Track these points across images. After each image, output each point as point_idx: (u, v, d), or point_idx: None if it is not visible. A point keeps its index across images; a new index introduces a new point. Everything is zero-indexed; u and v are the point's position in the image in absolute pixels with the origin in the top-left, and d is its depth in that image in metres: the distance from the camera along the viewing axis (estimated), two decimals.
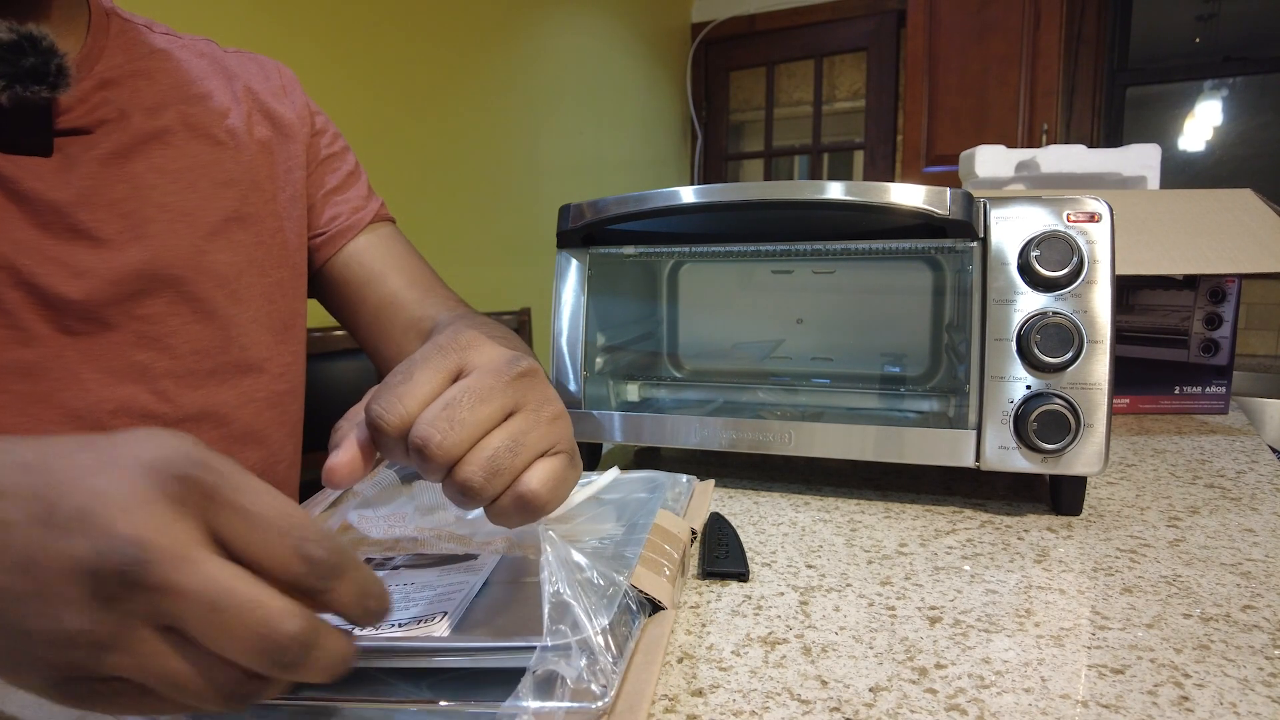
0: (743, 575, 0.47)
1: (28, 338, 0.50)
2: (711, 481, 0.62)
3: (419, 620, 0.33)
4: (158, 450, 0.25)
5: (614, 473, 0.54)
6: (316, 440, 0.71)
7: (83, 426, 0.52)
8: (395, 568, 0.39)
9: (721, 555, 0.49)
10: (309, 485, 0.47)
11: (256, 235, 0.62)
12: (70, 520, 0.23)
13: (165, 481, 0.24)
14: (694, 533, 0.50)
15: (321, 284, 0.71)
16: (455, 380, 0.33)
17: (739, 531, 0.55)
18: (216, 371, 0.59)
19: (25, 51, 0.46)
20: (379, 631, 0.31)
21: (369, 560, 0.40)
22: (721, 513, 0.60)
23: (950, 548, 0.53)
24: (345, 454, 0.32)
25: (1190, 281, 0.99)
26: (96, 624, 0.23)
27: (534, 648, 0.30)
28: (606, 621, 0.32)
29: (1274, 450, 0.81)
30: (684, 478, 0.56)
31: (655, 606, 0.39)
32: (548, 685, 0.29)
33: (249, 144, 0.62)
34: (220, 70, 0.63)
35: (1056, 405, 0.55)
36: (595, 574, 0.35)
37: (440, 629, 0.32)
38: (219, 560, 0.24)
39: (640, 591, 0.38)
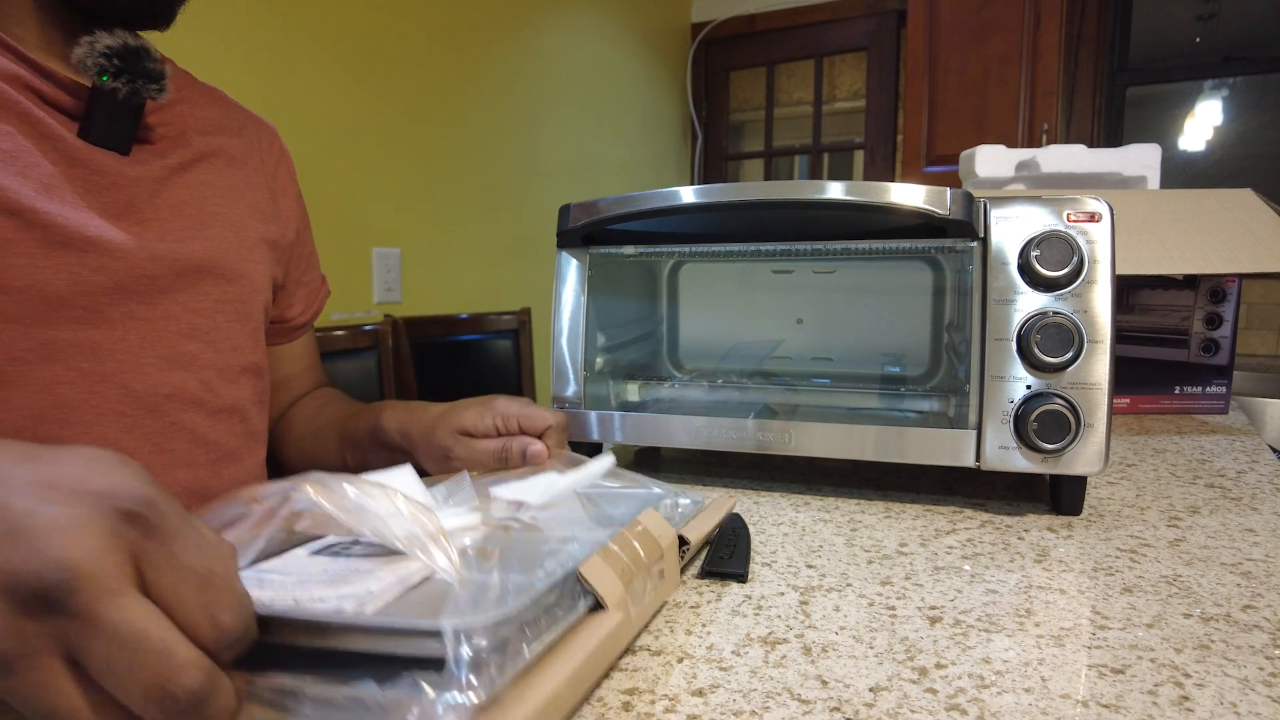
0: (741, 577, 0.47)
1: (99, 319, 0.54)
2: (733, 500, 0.60)
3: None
4: (107, 479, 0.25)
5: (609, 459, 0.54)
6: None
7: (140, 407, 0.56)
8: (351, 555, 0.37)
9: (726, 556, 0.49)
10: None
11: (276, 258, 0.70)
12: (4, 531, 0.23)
13: (107, 512, 0.24)
14: (683, 542, 0.46)
15: None
16: None
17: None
18: (244, 369, 0.65)
19: (144, 57, 0.55)
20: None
21: (331, 546, 0.38)
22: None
23: (950, 547, 0.53)
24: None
25: (1190, 281, 0.99)
26: (4, 638, 0.22)
27: (422, 631, 0.27)
28: (502, 613, 0.28)
29: (1274, 450, 0.81)
30: (686, 499, 0.53)
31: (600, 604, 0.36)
32: (432, 669, 0.27)
33: (260, 178, 0.70)
34: (236, 113, 0.71)
35: (1057, 405, 0.55)
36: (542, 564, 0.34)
37: (349, 606, 0.30)
38: (141, 600, 0.24)
39: (585, 584, 0.35)
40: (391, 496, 0.35)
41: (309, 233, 0.79)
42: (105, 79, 0.53)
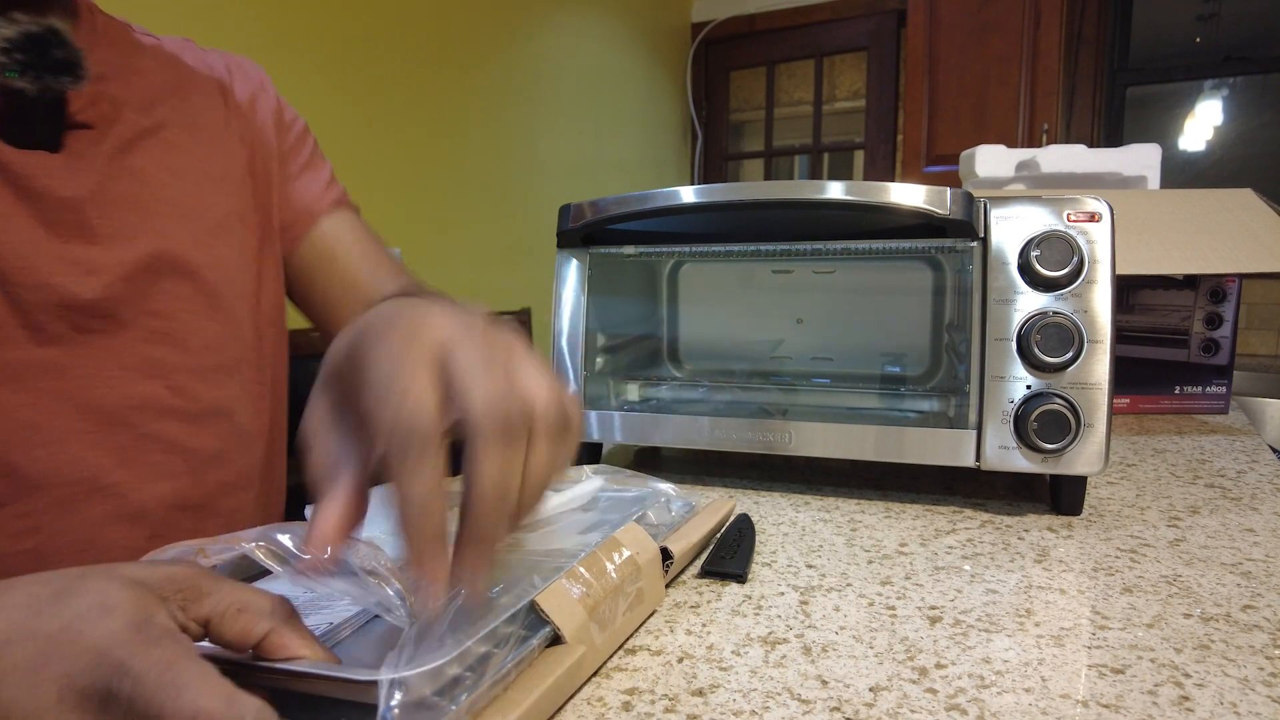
0: (740, 578, 0.47)
1: (49, 337, 0.50)
2: (732, 502, 0.57)
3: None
4: (78, 659, 0.25)
5: (596, 484, 0.51)
6: None
7: (106, 423, 0.52)
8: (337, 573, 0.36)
9: (728, 556, 0.49)
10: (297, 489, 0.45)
11: (249, 231, 0.62)
12: None
13: (68, 696, 0.25)
14: (666, 554, 0.44)
15: (287, 277, 0.70)
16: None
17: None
18: (224, 366, 0.59)
19: (51, 44, 0.47)
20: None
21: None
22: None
23: (950, 547, 0.53)
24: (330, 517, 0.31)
25: (1190, 281, 0.99)
26: None
27: (358, 681, 0.27)
28: (438, 659, 0.27)
29: (1274, 450, 0.81)
30: (680, 502, 0.51)
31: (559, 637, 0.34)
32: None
33: (234, 141, 0.62)
34: (205, 68, 0.63)
35: (1057, 405, 0.55)
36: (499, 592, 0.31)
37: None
38: None
39: (543, 616, 0.33)
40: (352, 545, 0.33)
41: (305, 140, 0.70)
42: (12, 75, 0.46)
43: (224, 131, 0.62)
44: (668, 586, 0.46)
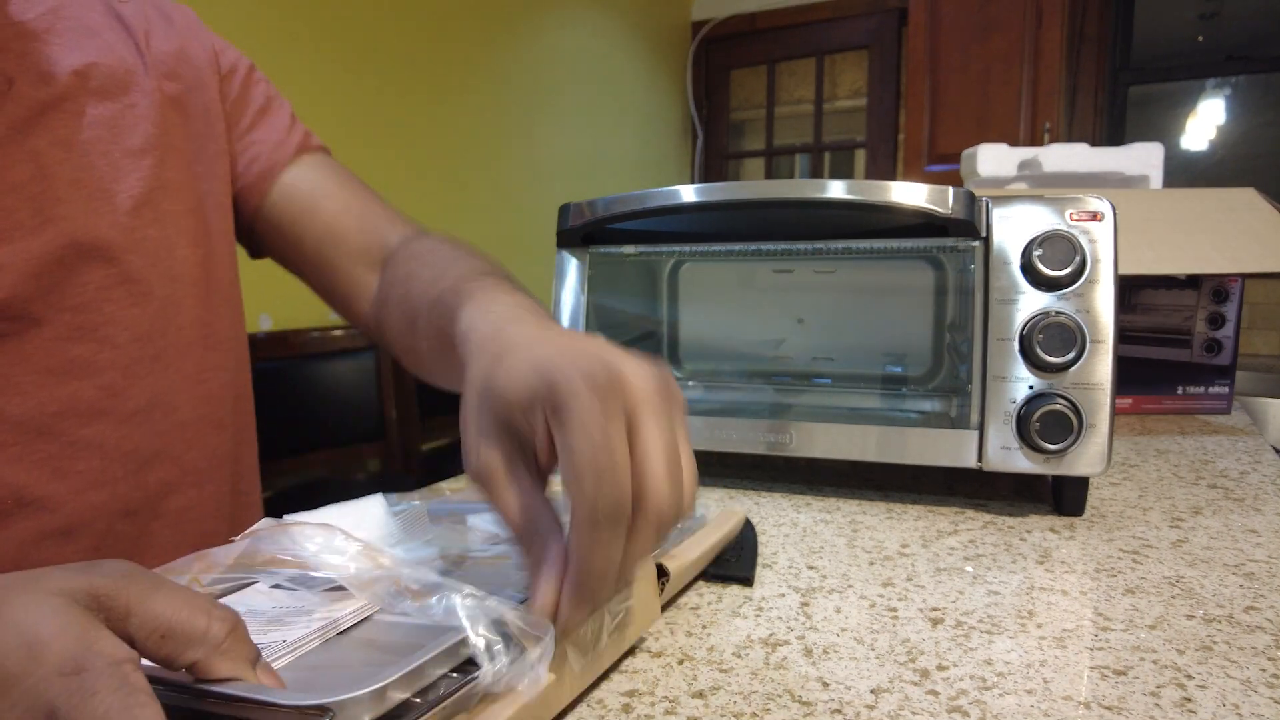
0: (746, 581, 0.46)
1: None
2: (741, 513, 0.53)
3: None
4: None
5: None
6: (309, 440, 0.71)
7: (26, 433, 0.47)
8: (312, 585, 0.35)
9: (732, 559, 0.48)
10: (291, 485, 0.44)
11: (184, 204, 0.55)
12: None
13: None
14: (663, 572, 0.40)
15: (259, 235, 0.64)
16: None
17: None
18: (161, 356, 0.53)
19: None
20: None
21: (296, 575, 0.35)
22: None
23: (952, 548, 0.52)
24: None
25: (1193, 281, 0.98)
26: None
27: (301, 707, 0.25)
28: (376, 683, 0.25)
29: (1277, 450, 0.81)
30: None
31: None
32: None
33: (158, 102, 0.55)
34: (116, 22, 0.55)
35: (1059, 405, 0.55)
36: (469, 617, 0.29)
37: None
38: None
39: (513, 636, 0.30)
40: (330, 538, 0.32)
41: (253, 84, 0.64)
42: None
43: (142, 95, 0.54)
44: (665, 607, 0.43)
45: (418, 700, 0.27)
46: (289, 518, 0.37)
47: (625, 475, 0.29)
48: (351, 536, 0.34)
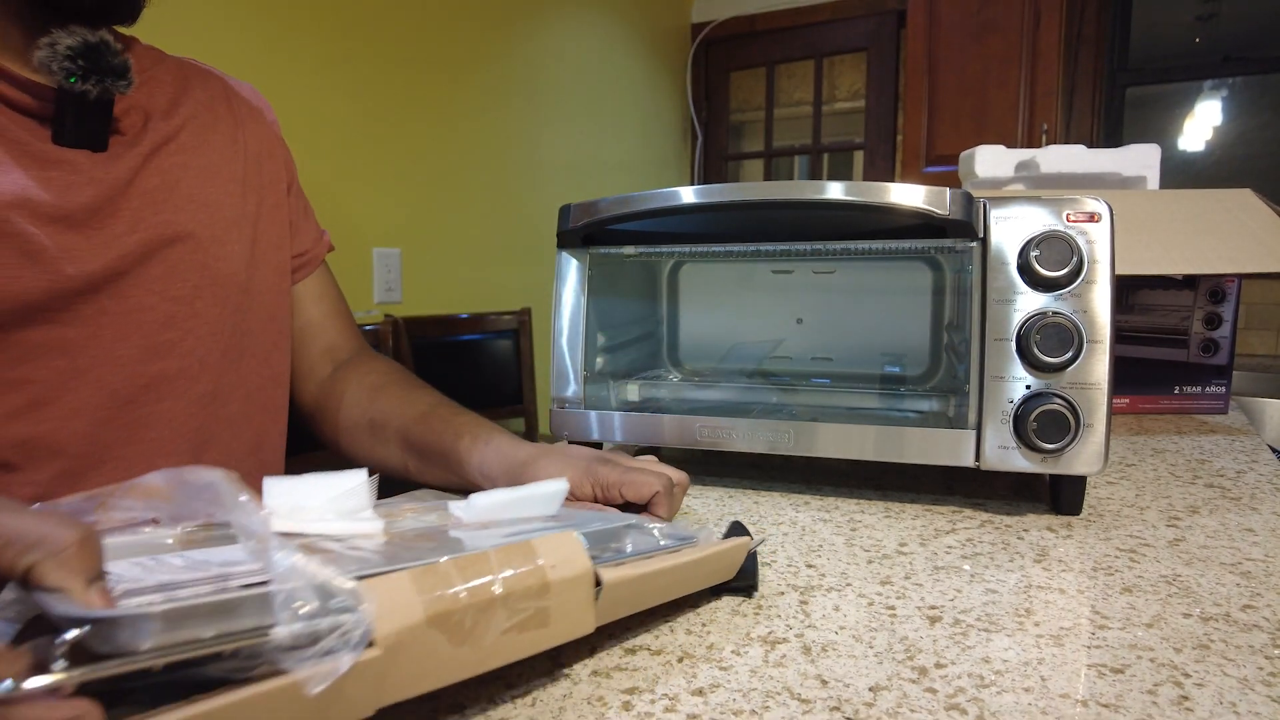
0: (748, 591, 0.45)
1: (73, 318, 0.54)
2: (746, 540, 0.45)
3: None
4: None
5: (562, 484, 0.47)
6: (313, 439, 0.72)
7: (116, 401, 0.56)
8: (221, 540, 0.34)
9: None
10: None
11: (257, 233, 0.67)
12: None
13: None
14: (598, 581, 0.35)
15: None
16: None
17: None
18: (229, 352, 0.63)
19: (105, 53, 0.53)
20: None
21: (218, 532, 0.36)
22: (724, 515, 0.60)
23: (950, 547, 0.53)
24: None
25: (1190, 281, 0.99)
26: None
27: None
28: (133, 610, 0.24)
29: (1274, 450, 0.81)
30: (672, 539, 0.43)
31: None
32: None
33: (244, 148, 0.67)
34: (207, 79, 0.68)
35: (1056, 405, 0.55)
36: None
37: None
38: None
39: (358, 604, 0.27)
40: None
41: (298, 188, 0.76)
42: (74, 80, 0.52)
43: (229, 142, 0.66)
44: (647, 618, 0.41)
45: (210, 641, 0.25)
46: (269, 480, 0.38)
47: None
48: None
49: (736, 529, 0.48)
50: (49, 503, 0.34)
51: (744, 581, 0.45)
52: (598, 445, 0.72)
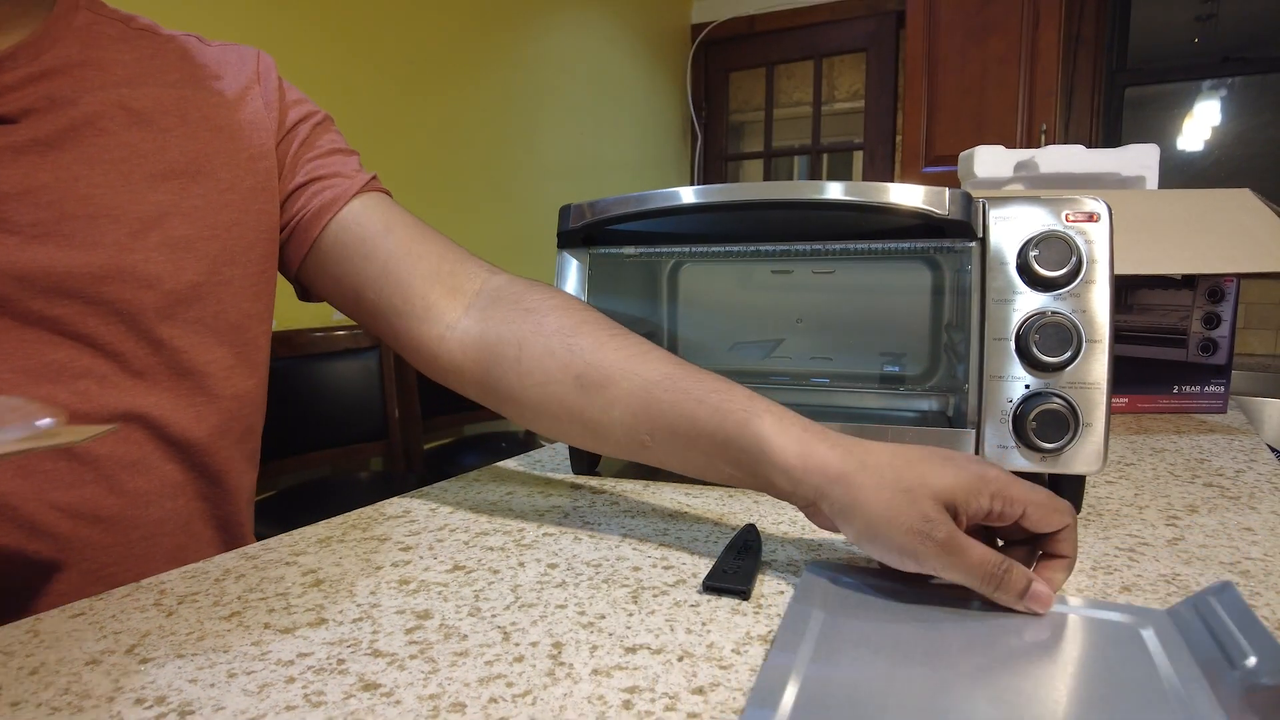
0: (744, 594, 0.45)
1: None
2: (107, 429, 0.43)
3: None
4: None
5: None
6: (313, 439, 0.71)
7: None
8: None
9: (730, 570, 0.47)
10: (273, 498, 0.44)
11: (199, 230, 0.56)
12: None
13: None
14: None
15: (313, 271, 0.64)
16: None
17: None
18: (145, 374, 0.54)
19: None
20: None
21: None
22: (724, 514, 0.60)
23: None
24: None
25: (1189, 281, 0.99)
26: None
27: None
28: None
29: (1273, 449, 0.81)
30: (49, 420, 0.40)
31: None
32: None
33: (203, 132, 0.58)
34: (186, 61, 0.59)
35: (1055, 404, 0.55)
36: None
37: None
38: None
39: None
40: None
41: (325, 129, 0.66)
42: None
43: (187, 121, 0.57)
44: None
45: None
46: None
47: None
48: None
49: (749, 532, 0.48)
50: None
51: (740, 584, 0.45)
52: None
